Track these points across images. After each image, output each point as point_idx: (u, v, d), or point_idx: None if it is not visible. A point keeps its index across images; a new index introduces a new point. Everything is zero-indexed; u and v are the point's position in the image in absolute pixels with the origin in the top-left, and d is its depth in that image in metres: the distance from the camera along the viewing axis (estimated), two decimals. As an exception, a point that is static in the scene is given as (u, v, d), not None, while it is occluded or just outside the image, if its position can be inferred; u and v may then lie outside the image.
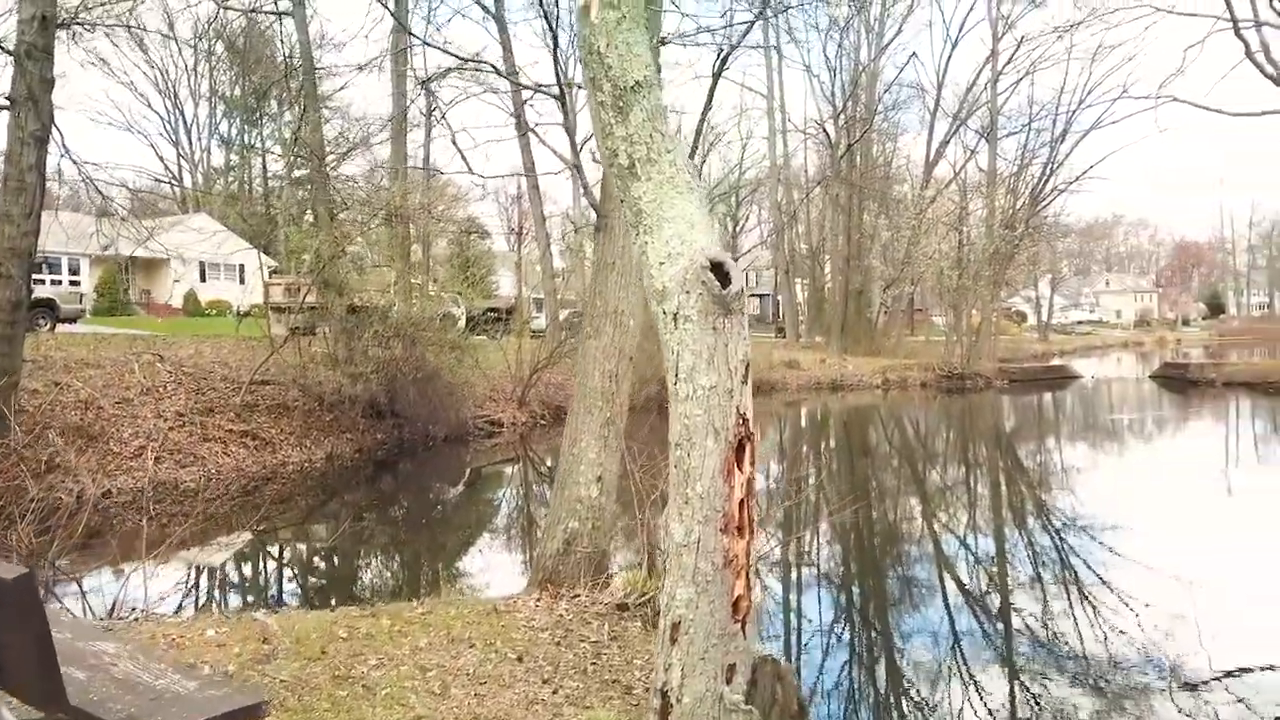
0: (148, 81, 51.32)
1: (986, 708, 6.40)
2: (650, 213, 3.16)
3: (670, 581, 2.98)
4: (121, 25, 17.22)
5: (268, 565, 11.10)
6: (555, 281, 32.62)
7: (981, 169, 41.83)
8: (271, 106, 44.17)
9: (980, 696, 6.58)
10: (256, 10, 19.62)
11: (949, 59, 77.04)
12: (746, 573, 2.98)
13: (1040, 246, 45.47)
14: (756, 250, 73.82)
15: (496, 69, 7.28)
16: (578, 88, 9.34)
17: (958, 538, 12.45)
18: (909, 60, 45.23)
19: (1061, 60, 39.19)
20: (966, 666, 7.21)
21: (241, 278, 40.87)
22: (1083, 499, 14.68)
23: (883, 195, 42.49)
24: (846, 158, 40.08)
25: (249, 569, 10.86)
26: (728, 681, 2.98)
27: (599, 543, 6.95)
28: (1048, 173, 39.45)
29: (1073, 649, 7.47)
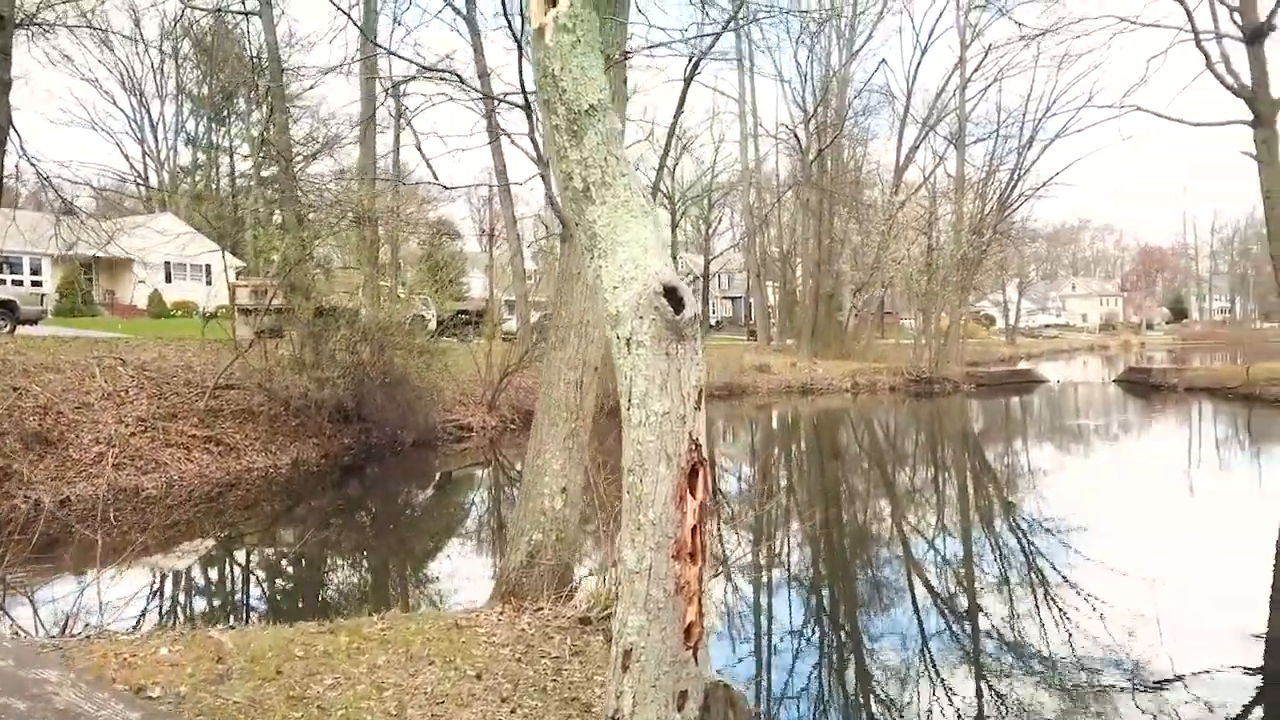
0: (113, 79, 50.52)
1: (955, 708, 6.48)
2: (605, 237, 3.15)
3: (622, 608, 2.97)
4: (84, 25, 16.92)
5: (228, 576, 10.95)
6: (527, 284, 32.51)
7: (950, 175, 42.29)
8: (239, 105, 43.73)
9: (948, 697, 6.66)
10: (223, 10, 19.36)
11: (918, 65, 77.74)
12: (699, 599, 2.98)
13: (1008, 251, 46.03)
14: (729, 253, 74.08)
15: (460, 78, 7.23)
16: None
17: (926, 540, 12.58)
18: (879, 67, 45.62)
19: (1029, 68, 39.71)
20: (935, 668, 7.31)
21: (208, 278, 40.36)
22: (1048, 501, 14.92)
23: (853, 200, 42.79)
24: (817, 163, 40.32)
25: (209, 581, 10.70)
26: (679, 709, 2.97)
27: (563, 555, 6.93)
28: (1015, 179, 39.99)
29: (1039, 649, 7.61)
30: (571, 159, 3.18)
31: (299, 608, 9.09)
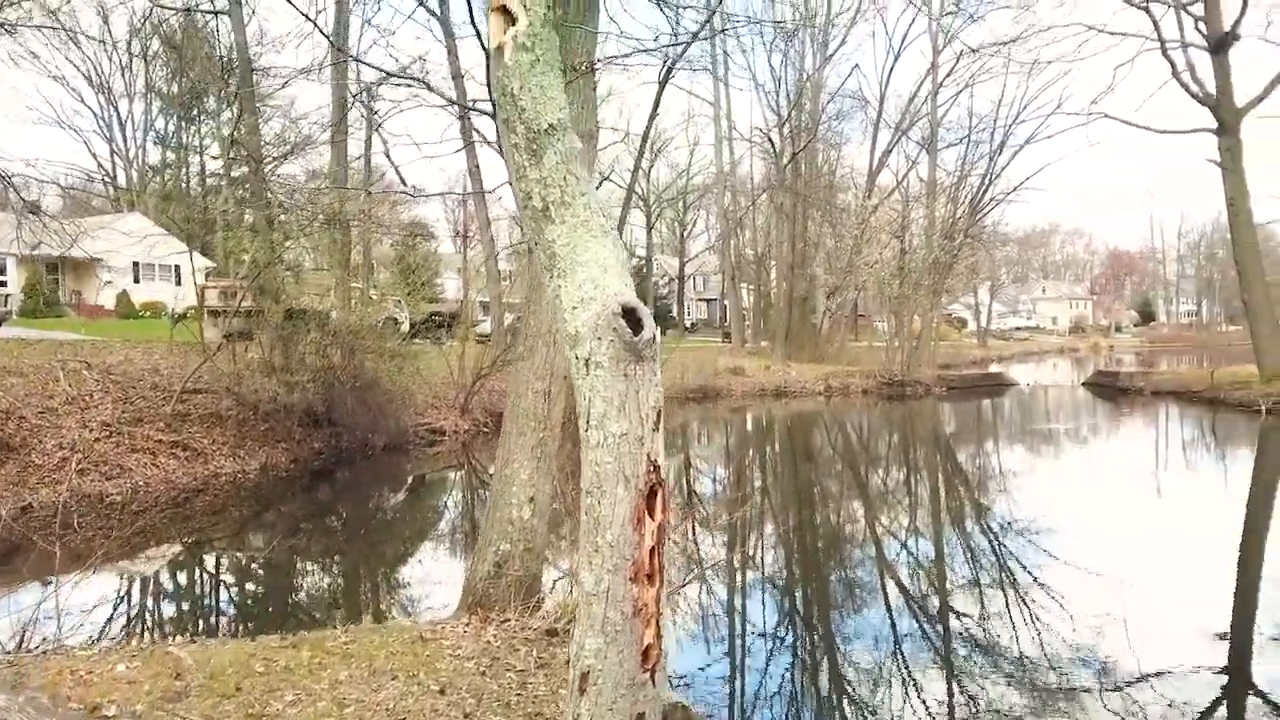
0: (80, 77, 49.69)
1: (927, 709, 6.55)
2: (564, 256, 3.14)
3: (579, 631, 2.96)
4: (50, 26, 16.63)
5: (192, 586, 10.80)
6: (502, 286, 32.33)
7: (923, 179, 42.63)
8: (209, 104, 43.15)
9: (921, 698, 6.73)
10: (192, 10, 19.11)
11: (891, 71, 78.20)
12: (657, 621, 2.98)
13: (979, 255, 46.48)
14: (704, 255, 74.26)
15: (427, 85, 7.18)
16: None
17: (899, 541, 12.74)
18: (852, 72, 46.06)
19: (1000, 74, 40.06)
20: (907, 669, 7.37)
21: (177, 279, 39.81)
22: (1018, 502, 15.13)
23: (826, 204, 43.01)
24: (791, 167, 40.49)
25: (172, 590, 10.54)
26: (637, 731, 2.96)
27: (531, 565, 6.90)
28: (986, 184, 40.39)
29: (1010, 650, 7.70)
30: (531, 178, 3.17)
31: (264, 618, 8.98)
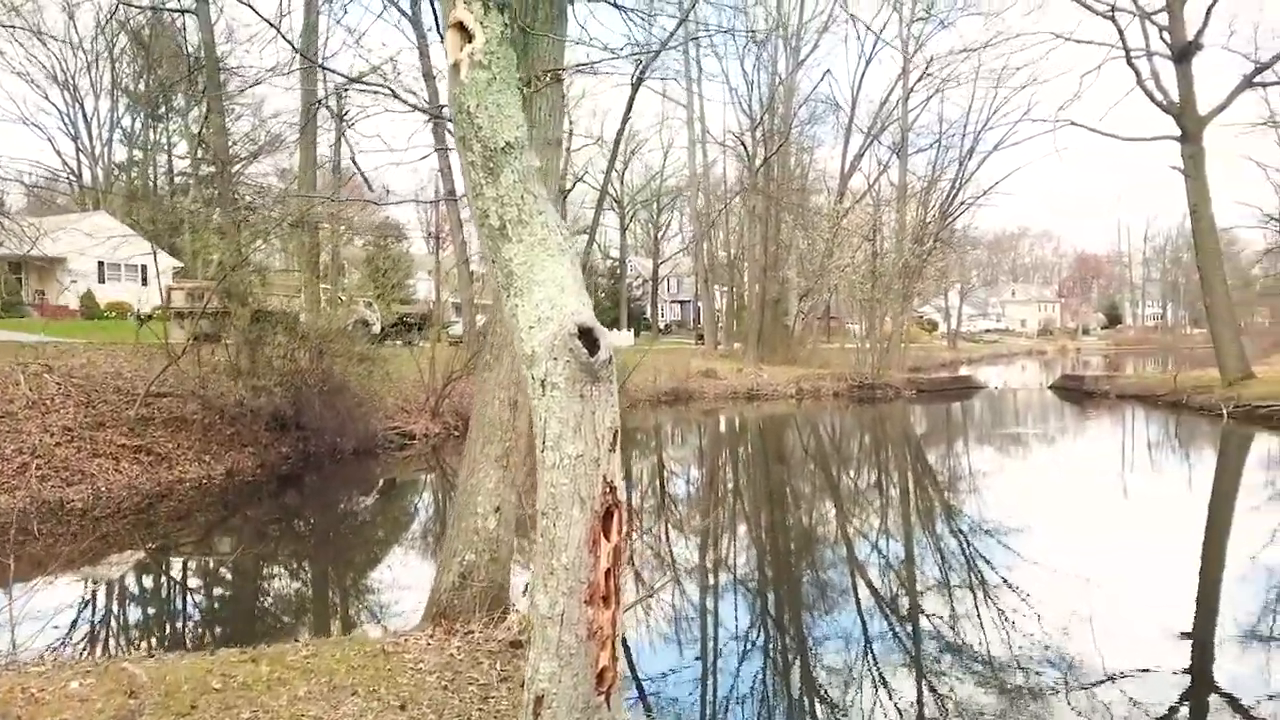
0: (44, 73, 48.82)
1: (897, 709, 6.62)
2: (521, 275, 3.12)
3: (534, 654, 2.94)
4: (14, 26, 16.34)
5: (152, 596, 10.61)
6: (474, 287, 32.17)
7: (893, 183, 43.00)
8: (178, 101, 42.58)
9: (891, 699, 6.80)
10: (158, 7, 18.84)
11: (863, 75, 79.03)
12: (612, 643, 2.96)
13: (949, 259, 46.95)
14: (678, 257, 74.38)
15: (393, 91, 7.10)
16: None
17: (869, 542, 12.87)
18: (824, 76, 46.27)
19: (970, 80, 40.51)
20: (878, 669, 7.44)
21: (144, 279, 39.24)
22: (987, 504, 15.37)
23: (799, 207, 43.24)
24: (764, 170, 40.67)
25: (131, 601, 10.34)
26: (592, 753, 2.95)
27: (496, 576, 6.86)
28: (956, 188, 40.81)
29: (978, 649, 7.80)
30: (488, 196, 3.14)
31: (225, 629, 8.86)
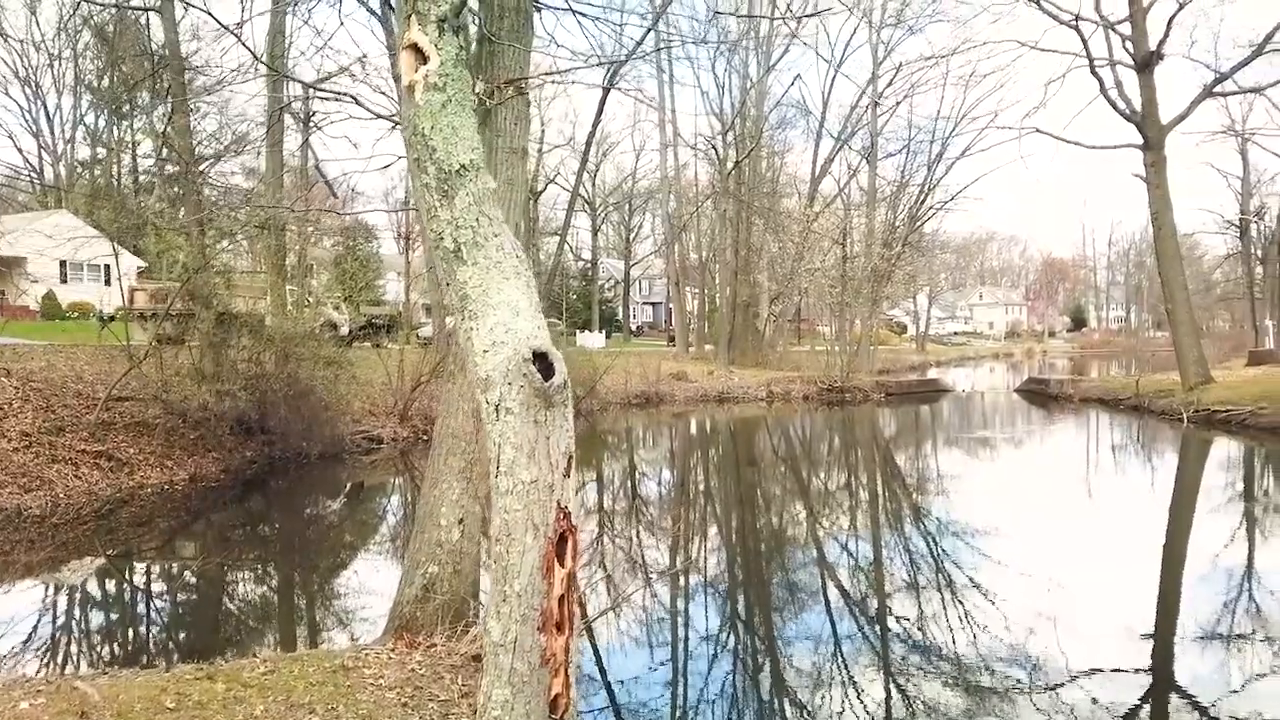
0: (6, 68, 47.94)
1: (866, 710, 6.70)
2: (475, 298, 3.11)
3: (487, 682, 2.93)
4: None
5: (109, 607, 10.38)
6: (444, 289, 31.95)
7: (863, 188, 43.33)
8: (143, 99, 41.91)
9: (860, 699, 6.88)
10: (121, 5, 18.53)
11: (833, 80, 79.66)
12: (565, 669, 2.96)
13: (918, 263, 47.42)
14: (650, 259, 74.45)
15: (356, 99, 6.99)
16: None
17: (839, 545, 12.98)
18: (794, 81, 46.25)
19: (939, 85, 40.93)
20: (847, 670, 7.53)
21: (106, 279, 38.60)
22: (954, 506, 15.55)
23: (770, 211, 43.46)
24: (735, 173, 40.81)
25: (87, 612, 10.12)
26: (546, 780, 2.94)
27: (459, 589, 6.81)
28: (924, 193, 41.21)
29: (946, 650, 7.90)
30: (442, 218, 3.13)
31: (184, 642, 8.73)
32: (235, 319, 18.00)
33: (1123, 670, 7.35)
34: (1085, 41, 26.65)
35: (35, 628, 8.98)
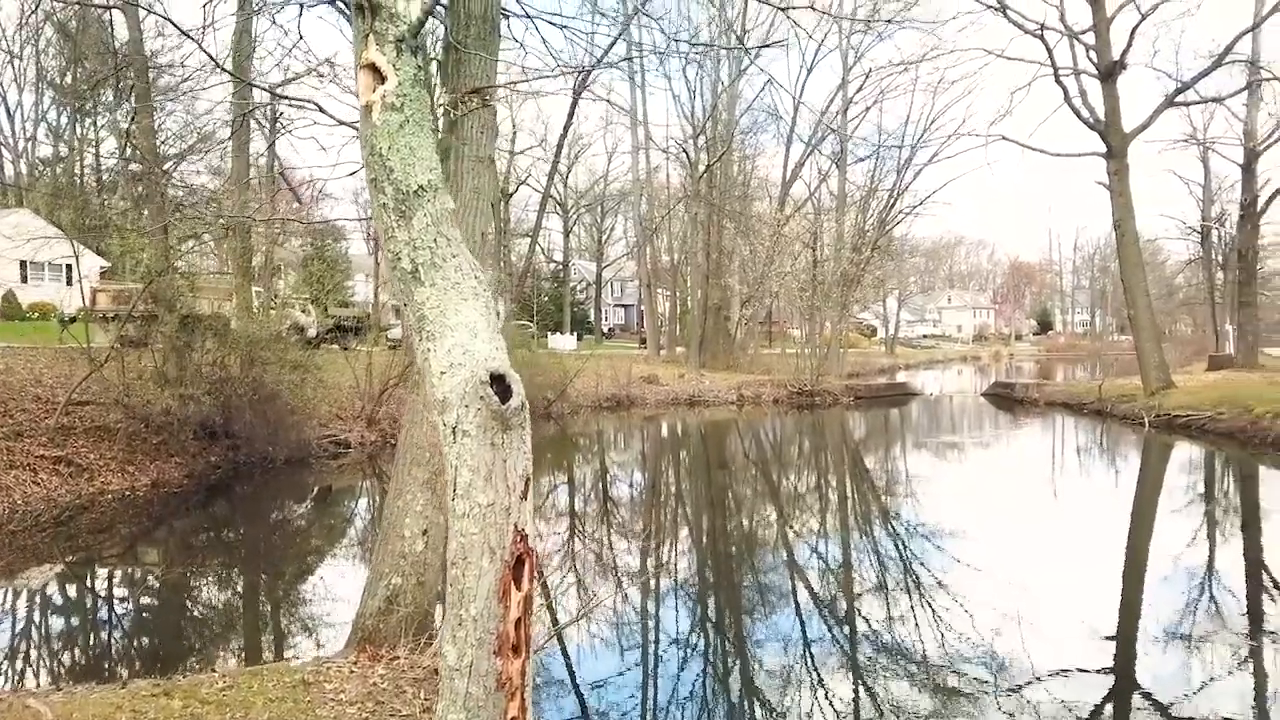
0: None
1: (835, 711, 6.77)
2: (433, 319, 3.09)
3: (442, 706, 2.91)
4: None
5: (66, 618, 10.17)
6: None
7: (833, 193, 43.62)
8: (106, 96, 41.26)
9: (830, 700, 6.95)
10: (84, 3, 18.22)
11: (804, 85, 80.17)
12: (522, 693, 2.95)
13: (887, 268, 47.84)
14: (621, 261, 74.44)
15: (319, 107, 6.94)
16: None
17: (809, 547, 13.09)
18: (765, 86, 46.19)
19: (907, 91, 41.31)
20: (817, 671, 7.59)
21: (69, 279, 37.94)
22: (922, 508, 15.74)
23: (741, 215, 43.63)
24: (706, 177, 40.91)
25: (43, 624, 9.91)
26: (502, 804, 2.93)
27: (423, 600, 6.77)
28: (893, 198, 41.58)
29: (914, 651, 8.01)
30: (399, 239, 3.11)
31: (142, 655, 8.59)
32: (200, 321, 17.75)
33: (1086, 670, 7.49)
34: (1050, 51, 27.05)
35: (-8, 641, 8.79)
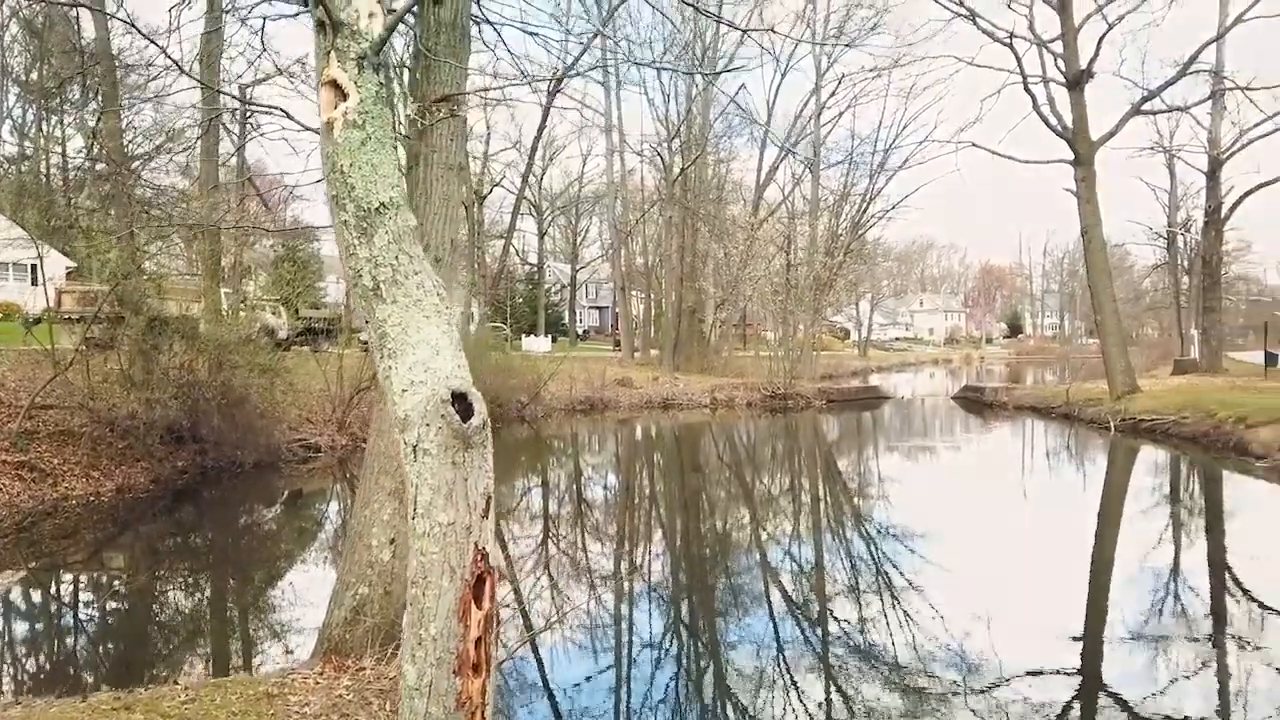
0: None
1: (808, 712, 6.84)
2: (395, 336, 3.09)
3: (401, 726, 2.91)
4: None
5: (26, 627, 9.99)
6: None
7: (806, 197, 43.87)
8: (74, 93, 40.62)
9: (803, 702, 7.01)
10: (52, 1, 17.92)
11: (778, 89, 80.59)
12: (482, 712, 2.95)
13: (860, 271, 48.19)
14: (596, 263, 74.36)
15: (287, 113, 6.89)
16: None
17: (782, 549, 13.21)
18: (739, 90, 46.28)
19: (880, 96, 41.71)
20: (789, 673, 7.64)
21: (34, 279, 37.28)
22: (894, 509, 15.92)
23: (715, 218, 43.76)
24: (680, 180, 40.99)
25: (3, 634, 9.75)
26: (461, 823, 2.93)
27: (390, 610, 6.73)
28: (866, 203, 41.90)
29: (885, 652, 8.09)
30: (361, 256, 3.10)
31: (104, 665, 8.48)
32: (167, 324, 17.52)
33: (1054, 671, 7.61)
34: (1019, 59, 27.38)
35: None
